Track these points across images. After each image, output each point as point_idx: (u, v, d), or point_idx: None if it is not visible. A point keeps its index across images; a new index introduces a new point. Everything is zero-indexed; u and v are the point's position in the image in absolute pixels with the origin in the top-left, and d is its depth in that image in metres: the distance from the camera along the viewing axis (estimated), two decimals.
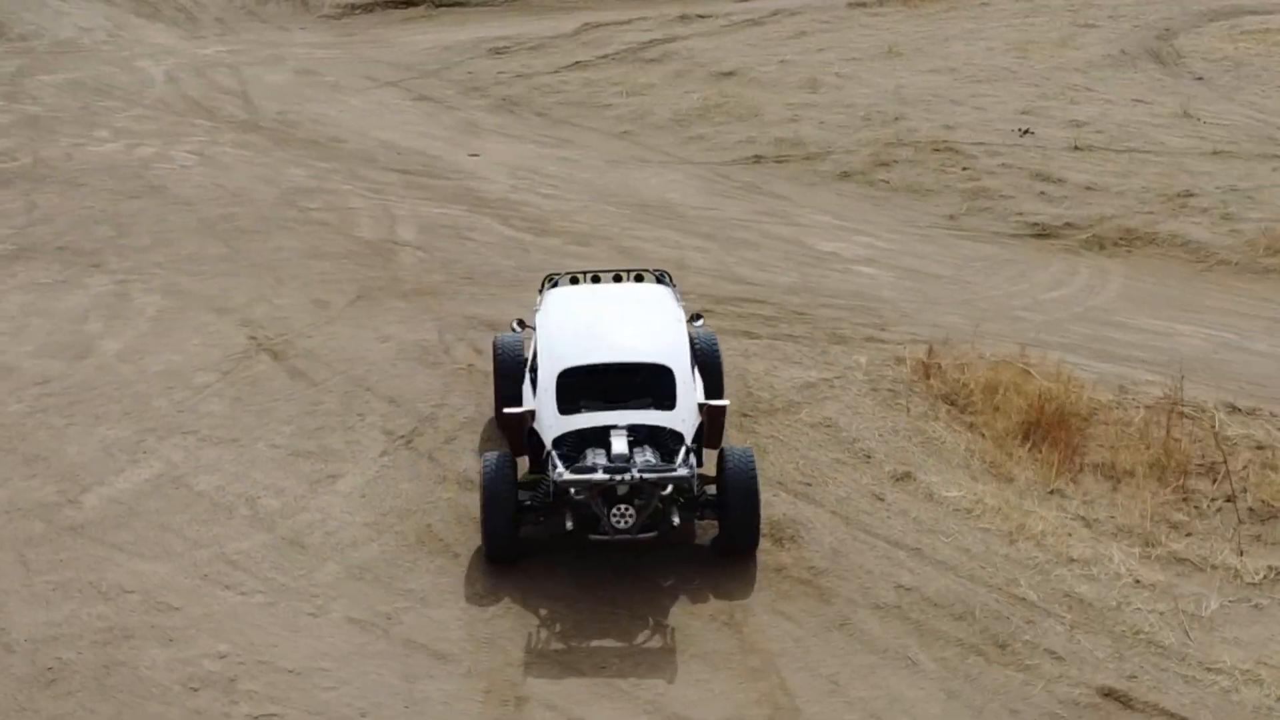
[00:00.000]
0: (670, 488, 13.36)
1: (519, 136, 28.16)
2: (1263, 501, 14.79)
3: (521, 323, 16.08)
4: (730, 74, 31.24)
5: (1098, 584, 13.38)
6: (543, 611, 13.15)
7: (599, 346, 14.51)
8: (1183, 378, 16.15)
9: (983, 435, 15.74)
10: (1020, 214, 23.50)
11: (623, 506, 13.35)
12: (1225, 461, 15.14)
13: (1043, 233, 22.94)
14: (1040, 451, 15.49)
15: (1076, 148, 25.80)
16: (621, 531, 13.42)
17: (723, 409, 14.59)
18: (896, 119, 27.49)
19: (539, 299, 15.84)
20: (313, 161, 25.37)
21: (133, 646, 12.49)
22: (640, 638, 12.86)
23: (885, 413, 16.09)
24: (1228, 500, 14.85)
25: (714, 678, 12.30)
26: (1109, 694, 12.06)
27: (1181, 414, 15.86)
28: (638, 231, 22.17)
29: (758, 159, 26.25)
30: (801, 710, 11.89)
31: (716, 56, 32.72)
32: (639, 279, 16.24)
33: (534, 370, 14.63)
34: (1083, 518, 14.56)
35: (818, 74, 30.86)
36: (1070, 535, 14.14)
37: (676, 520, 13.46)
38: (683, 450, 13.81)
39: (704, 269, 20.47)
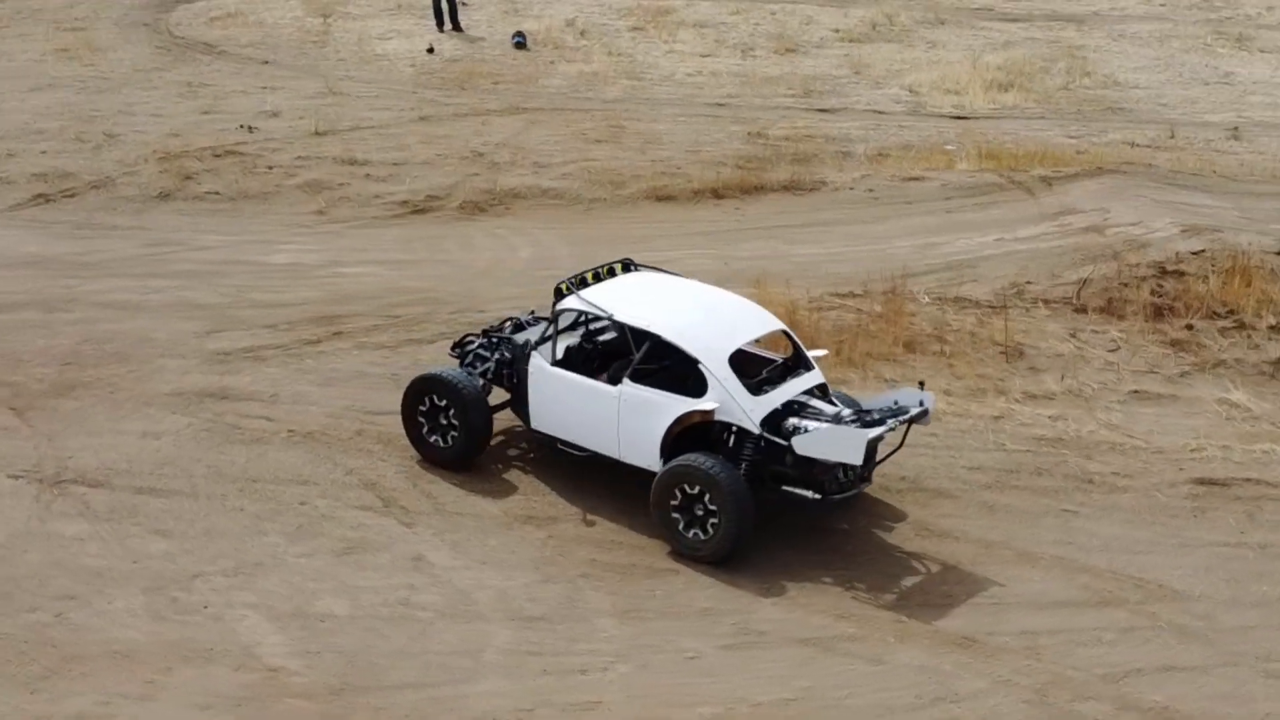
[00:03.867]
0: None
1: None
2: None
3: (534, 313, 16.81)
4: None
5: None
6: None
7: (728, 327, 15.53)
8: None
9: None
10: (379, 196, 24.45)
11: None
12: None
13: (419, 209, 24.18)
14: None
15: (317, 133, 26.74)
16: (865, 483, 15.13)
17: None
18: (111, 136, 26.17)
19: (561, 304, 15.95)
20: None
21: None
22: None
23: None
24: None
25: None
26: None
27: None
28: None
29: (43, 197, 23.90)
30: None
31: None
32: (626, 268, 16.77)
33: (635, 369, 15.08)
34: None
35: None
36: None
37: None
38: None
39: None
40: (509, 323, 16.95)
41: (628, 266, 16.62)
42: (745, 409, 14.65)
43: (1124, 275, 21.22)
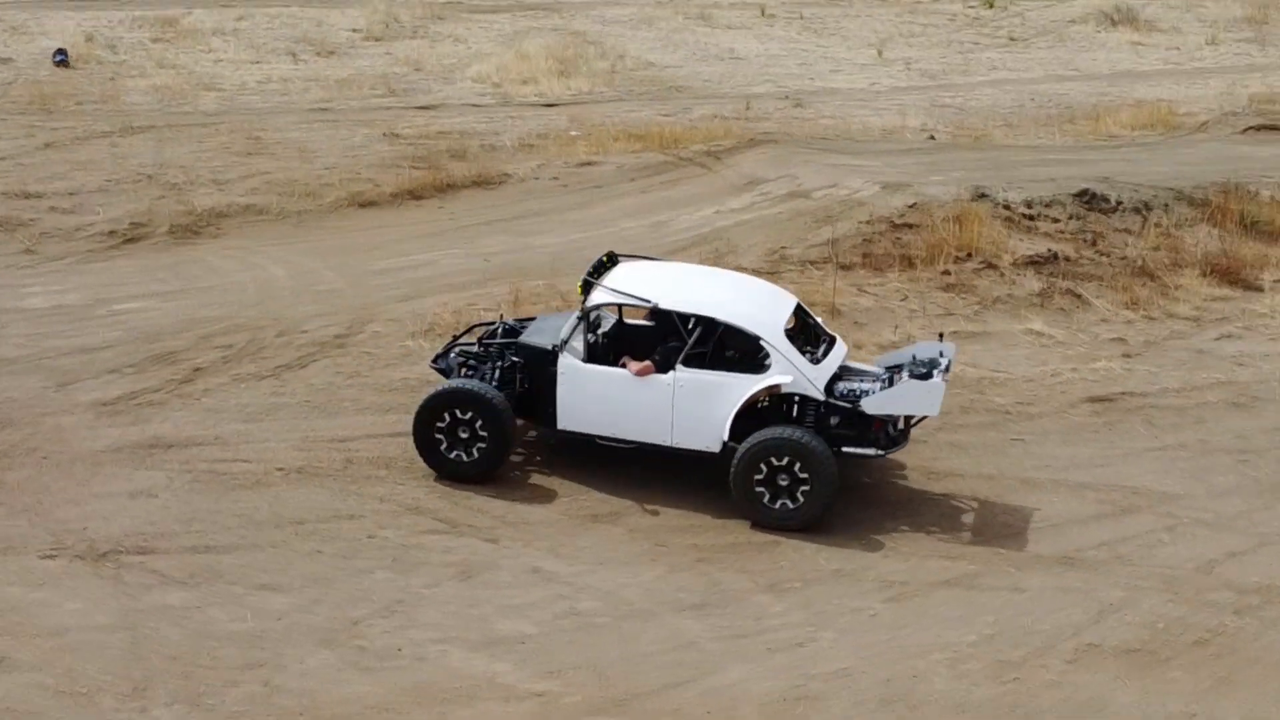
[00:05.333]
0: None
1: None
2: None
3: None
4: None
5: None
6: None
7: (768, 303, 16.25)
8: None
9: None
10: (80, 229, 22.80)
11: None
12: None
13: (129, 237, 22.72)
14: None
15: None
16: (906, 436, 16.26)
17: None
18: None
19: (591, 299, 16.02)
20: None
21: None
22: None
23: None
24: None
25: None
26: None
27: None
28: None
29: None
30: None
31: None
32: (613, 260, 16.94)
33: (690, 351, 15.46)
34: None
35: None
36: None
37: None
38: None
39: None
40: (498, 328, 16.68)
41: (613, 258, 16.71)
42: (810, 379, 15.29)
43: (863, 232, 22.96)
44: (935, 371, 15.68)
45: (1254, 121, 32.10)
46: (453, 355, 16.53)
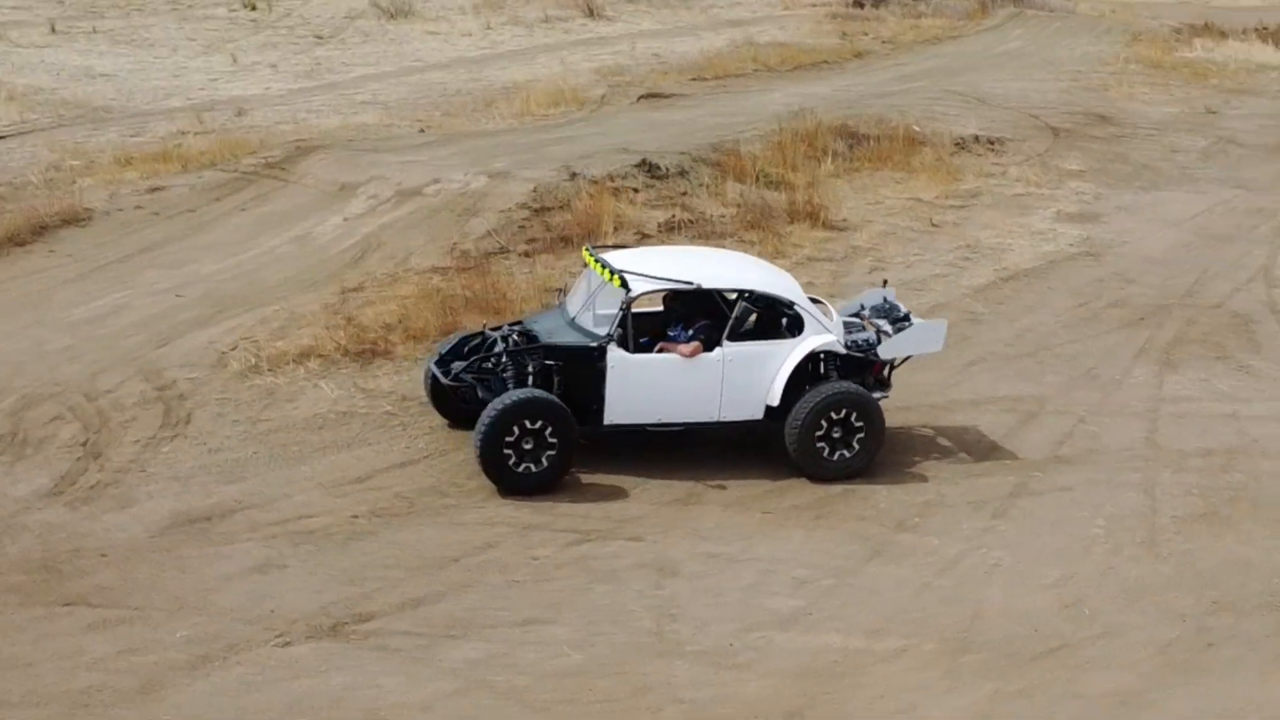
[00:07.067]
0: None
1: None
2: None
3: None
4: None
5: None
6: None
7: (773, 273, 17.19)
8: None
9: None
10: None
11: None
12: None
13: None
14: None
15: None
16: None
17: None
18: None
19: (634, 290, 15.93)
20: None
21: None
22: None
23: None
24: None
25: None
26: None
27: None
28: None
29: None
30: None
31: None
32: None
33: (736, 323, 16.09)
34: None
35: None
36: None
37: None
38: None
39: None
40: (513, 334, 16.29)
41: (592, 252, 16.80)
42: (837, 336, 16.40)
43: (514, 220, 23.66)
44: (910, 315, 17.18)
45: (642, 92, 35.17)
46: (458, 370, 16.04)
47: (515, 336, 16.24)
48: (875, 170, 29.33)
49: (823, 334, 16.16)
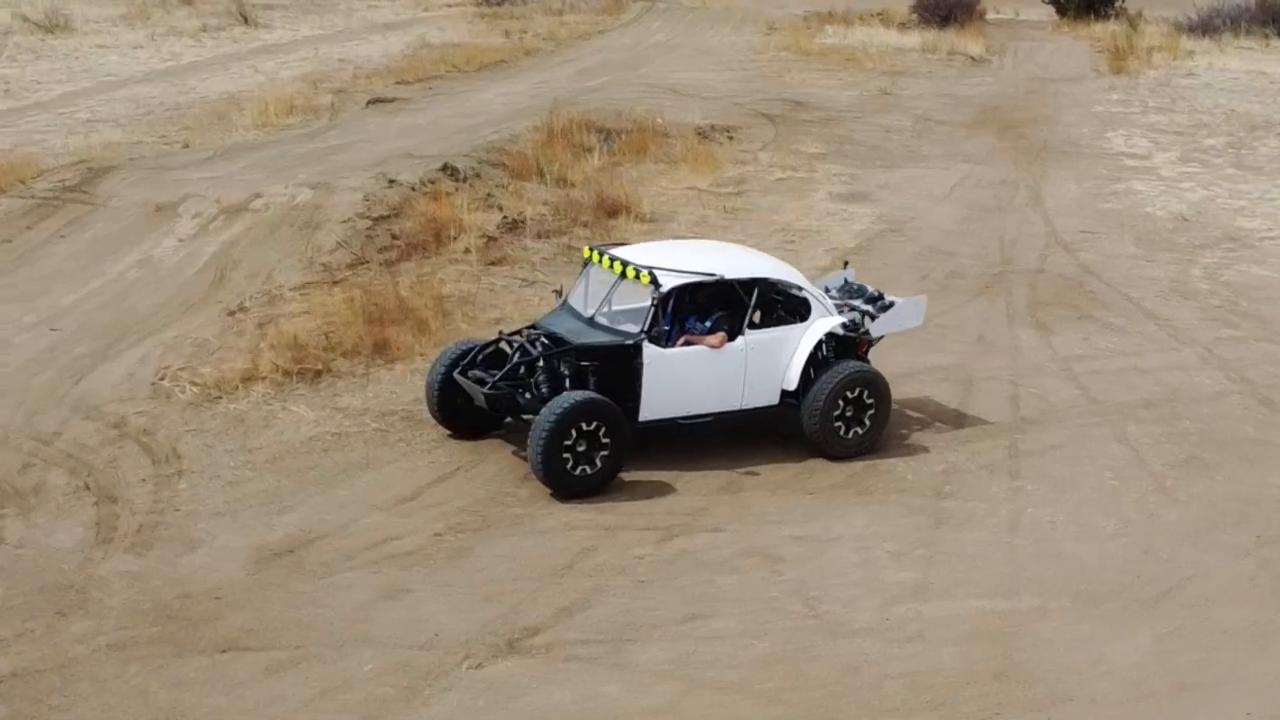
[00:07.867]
0: None
1: None
2: None
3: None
4: None
5: None
6: None
7: (772, 261, 17.59)
8: None
9: None
10: None
11: None
12: None
13: None
14: None
15: None
16: None
17: None
18: None
19: (665, 287, 16.07)
20: None
21: None
22: None
23: None
24: None
25: None
26: None
27: None
28: None
29: None
30: None
31: None
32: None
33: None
34: None
35: None
36: None
37: None
38: None
39: None
40: (540, 338, 16.08)
41: (593, 249, 16.75)
42: (837, 318, 16.91)
43: (359, 231, 23.21)
44: (882, 293, 17.79)
45: (363, 97, 34.78)
46: (496, 379, 15.81)
47: (543, 340, 16.06)
48: (638, 163, 29.86)
49: (828, 317, 16.59)
